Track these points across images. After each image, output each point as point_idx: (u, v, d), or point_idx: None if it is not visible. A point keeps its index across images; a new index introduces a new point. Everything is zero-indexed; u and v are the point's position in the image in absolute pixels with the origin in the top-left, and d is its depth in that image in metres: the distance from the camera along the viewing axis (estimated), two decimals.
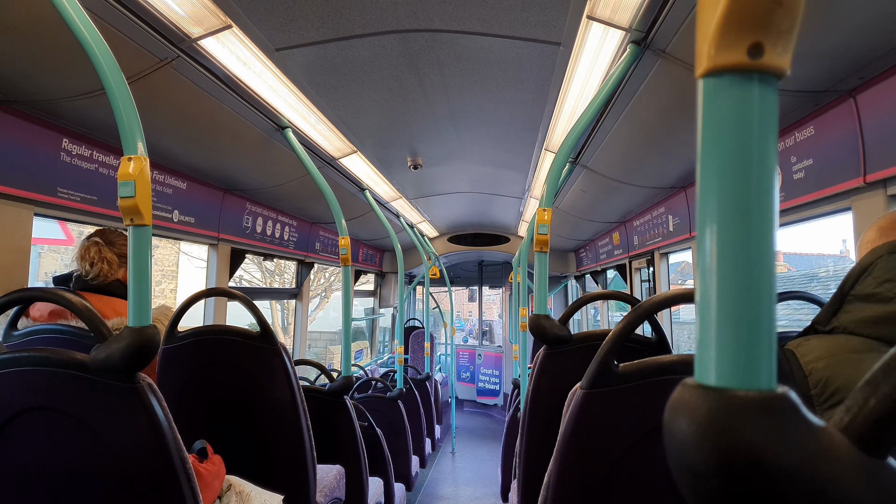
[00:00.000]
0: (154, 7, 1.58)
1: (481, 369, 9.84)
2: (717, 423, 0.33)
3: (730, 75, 0.35)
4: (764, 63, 0.34)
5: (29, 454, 1.23)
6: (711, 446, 0.33)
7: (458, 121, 3.02)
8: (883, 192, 1.75)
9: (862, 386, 0.34)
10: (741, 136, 0.34)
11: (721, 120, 0.35)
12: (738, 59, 0.34)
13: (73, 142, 2.21)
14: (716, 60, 0.34)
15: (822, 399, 0.96)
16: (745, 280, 0.34)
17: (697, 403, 0.35)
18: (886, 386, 0.32)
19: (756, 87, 0.34)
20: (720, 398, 0.34)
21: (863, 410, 0.33)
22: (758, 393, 0.33)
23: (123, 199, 1.16)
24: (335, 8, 1.76)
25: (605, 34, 1.80)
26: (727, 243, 0.35)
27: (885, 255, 1.02)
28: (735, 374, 0.34)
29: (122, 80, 1.19)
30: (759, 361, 0.34)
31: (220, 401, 2.15)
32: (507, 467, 3.70)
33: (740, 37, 0.33)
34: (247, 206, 3.70)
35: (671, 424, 0.36)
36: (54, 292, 1.32)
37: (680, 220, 3.48)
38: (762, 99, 0.34)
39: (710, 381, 0.35)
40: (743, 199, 0.34)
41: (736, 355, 0.34)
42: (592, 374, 1.15)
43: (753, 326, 0.34)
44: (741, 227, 0.34)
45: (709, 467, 0.33)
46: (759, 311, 0.34)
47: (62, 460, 1.23)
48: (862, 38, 1.51)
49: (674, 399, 0.37)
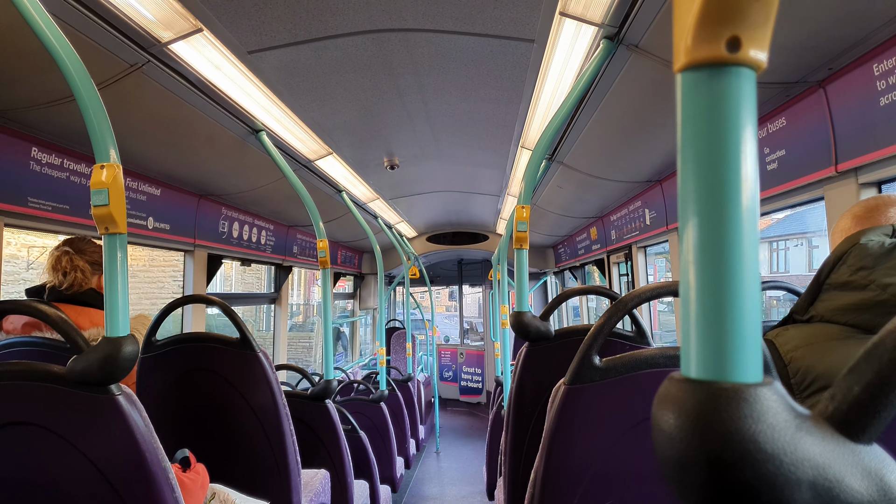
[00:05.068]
0: (122, 12, 1.55)
1: (463, 368, 9.85)
2: (704, 416, 0.33)
3: (708, 69, 0.35)
4: (742, 56, 0.34)
5: (7, 469, 1.21)
6: (699, 439, 0.33)
7: (433, 120, 3.02)
8: (854, 180, 1.79)
9: (845, 374, 0.34)
10: (720, 129, 0.35)
11: (700, 114, 0.35)
12: (715, 53, 0.34)
13: (43, 150, 2.16)
14: (693, 55, 0.34)
15: (802, 387, 0.97)
16: (727, 272, 0.34)
17: (684, 397, 0.35)
18: (869, 373, 0.33)
19: (734, 80, 0.34)
20: (707, 391, 0.34)
21: (847, 398, 0.34)
22: (744, 385, 0.33)
23: (97, 207, 1.13)
24: (307, 9, 1.75)
25: (579, 30, 1.81)
26: (708, 236, 0.35)
27: (858, 243, 1.04)
28: (721, 367, 0.34)
29: (91, 86, 1.17)
30: (745, 353, 0.34)
31: (202, 408, 2.12)
32: (492, 465, 3.71)
33: (718, 31, 0.33)
34: (223, 210, 3.66)
35: (658, 418, 0.36)
36: (28, 304, 1.29)
37: (656, 214, 3.51)
38: (741, 92, 0.34)
39: (696, 374, 0.35)
40: (723, 191, 0.34)
41: (721, 348, 0.34)
42: (575, 370, 1.15)
43: (737, 318, 0.34)
44: (722, 220, 0.34)
45: (697, 460, 0.33)
46: (742, 302, 0.34)
47: (42, 475, 1.20)
48: (830, 31, 1.54)
49: (661, 393, 0.37)
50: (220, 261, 3.72)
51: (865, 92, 1.65)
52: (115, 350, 1.14)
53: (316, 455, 2.70)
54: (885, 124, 1.60)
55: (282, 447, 2.07)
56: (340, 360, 7.94)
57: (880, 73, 1.58)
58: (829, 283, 1.07)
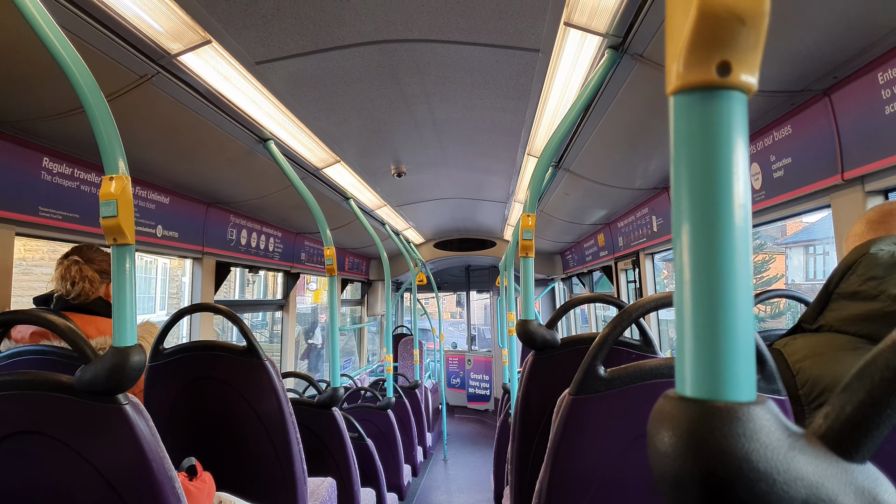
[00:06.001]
0: (132, 24, 1.57)
1: (471, 375, 9.84)
2: (698, 435, 0.34)
3: (700, 93, 0.35)
4: (732, 80, 0.34)
5: (14, 479, 1.22)
6: (693, 457, 0.34)
7: (440, 128, 3.03)
8: (861, 188, 1.78)
9: (839, 392, 0.35)
10: (712, 151, 0.35)
11: (692, 136, 0.36)
12: (706, 77, 0.34)
13: (54, 160, 2.19)
14: (685, 79, 0.35)
15: (810, 398, 0.97)
16: (719, 292, 0.35)
17: (679, 415, 0.35)
18: (861, 392, 0.33)
19: (725, 103, 0.35)
20: (701, 410, 0.34)
21: (840, 417, 0.34)
22: (737, 404, 0.34)
23: (106, 219, 1.15)
24: (314, 21, 1.76)
25: (583, 40, 1.81)
26: (700, 255, 0.35)
27: (868, 253, 1.03)
28: (714, 386, 0.35)
29: (101, 98, 1.18)
30: (738, 372, 0.35)
31: (209, 417, 2.13)
32: (499, 473, 3.70)
33: (708, 56, 0.34)
34: (231, 218, 3.68)
35: (654, 436, 0.37)
36: (37, 314, 1.31)
37: (664, 221, 3.50)
38: (732, 114, 0.35)
39: (690, 392, 0.35)
40: (714, 211, 0.35)
41: (714, 367, 0.35)
42: (580, 380, 1.15)
43: (730, 337, 0.35)
44: (713, 239, 0.35)
45: (691, 478, 0.34)
46: (735, 322, 0.35)
47: (49, 484, 1.21)
48: (834, 40, 1.54)
49: (656, 411, 0.38)
50: (228, 268, 3.74)
51: (871, 100, 1.64)
52: (122, 360, 1.15)
53: (322, 463, 2.70)
54: (891, 133, 1.59)
55: (288, 455, 2.08)
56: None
57: (885, 82, 1.58)
58: (839, 293, 1.06)
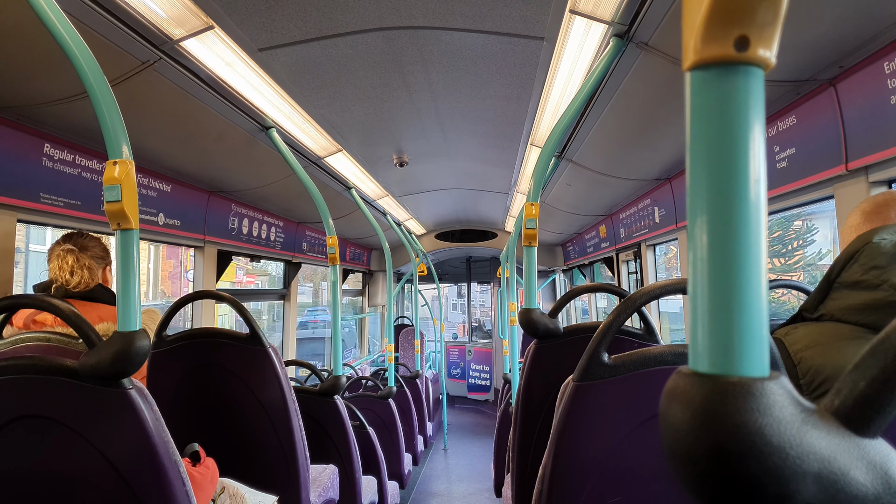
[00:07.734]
0: (135, 9, 1.56)
1: (472, 365, 9.86)
2: (712, 410, 0.34)
3: (717, 68, 0.35)
4: (750, 55, 0.34)
5: (20, 462, 1.22)
6: (706, 432, 0.34)
7: (443, 117, 3.02)
8: (865, 179, 1.78)
9: (851, 370, 0.35)
10: (729, 127, 0.35)
11: (709, 112, 0.36)
12: (724, 52, 0.34)
13: (56, 146, 2.18)
14: (702, 54, 0.35)
15: (811, 388, 0.97)
16: (735, 268, 0.35)
17: (692, 391, 0.35)
18: (875, 369, 0.33)
19: (743, 78, 0.35)
20: (714, 385, 0.34)
21: (852, 393, 0.34)
22: (750, 379, 0.34)
23: (110, 203, 1.15)
24: (317, 7, 1.76)
25: (588, 28, 1.81)
26: (717, 233, 0.35)
27: (871, 242, 1.03)
28: (728, 361, 0.35)
29: (105, 83, 1.18)
30: (752, 348, 0.35)
31: (212, 403, 2.14)
32: (499, 462, 3.71)
33: (726, 30, 0.34)
34: (232, 207, 3.68)
35: (667, 412, 0.37)
36: (41, 299, 1.30)
37: (666, 212, 3.50)
38: (749, 90, 0.35)
39: (704, 368, 0.36)
40: (731, 188, 0.35)
41: (728, 342, 0.35)
42: (584, 367, 1.16)
43: (745, 314, 0.35)
44: (730, 217, 0.35)
45: (703, 452, 0.34)
46: (750, 297, 0.35)
47: (54, 468, 1.22)
48: (840, 29, 1.53)
49: (669, 387, 0.38)
50: (229, 257, 3.74)
51: (876, 90, 1.64)
52: (127, 344, 1.15)
53: (324, 450, 2.72)
54: None
55: (291, 442, 2.09)
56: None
57: (891, 72, 1.57)
58: (840, 282, 1.06)
